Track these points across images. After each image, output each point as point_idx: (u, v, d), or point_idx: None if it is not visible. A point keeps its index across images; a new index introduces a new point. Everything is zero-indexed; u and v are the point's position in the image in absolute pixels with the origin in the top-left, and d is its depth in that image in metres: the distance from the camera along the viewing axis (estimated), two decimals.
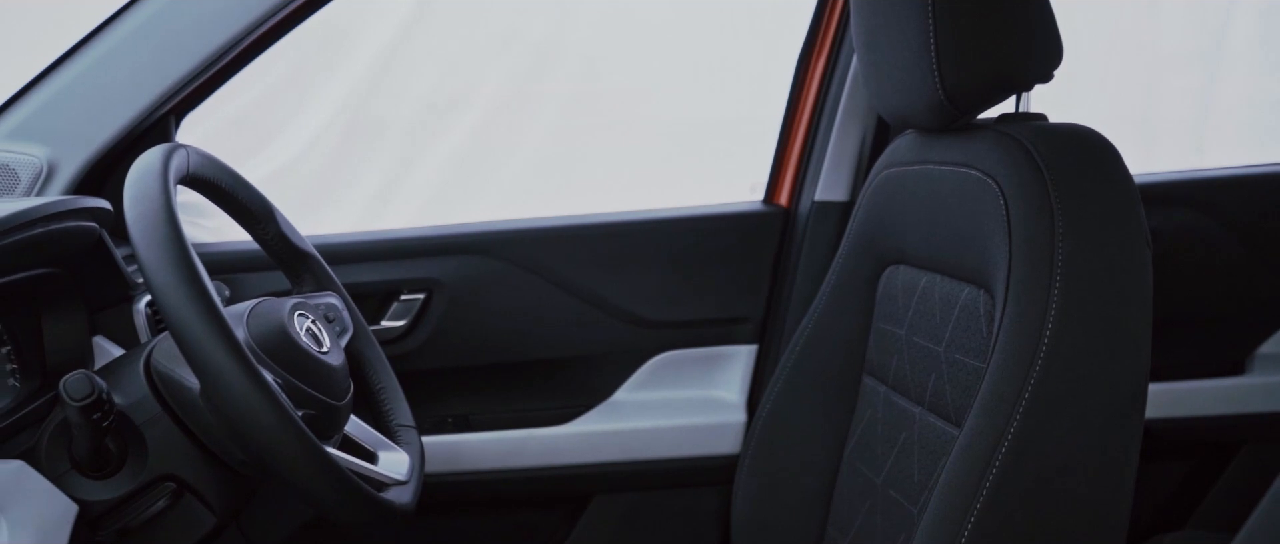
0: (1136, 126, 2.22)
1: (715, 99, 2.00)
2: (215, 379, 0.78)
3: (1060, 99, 1.06)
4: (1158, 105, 2.15)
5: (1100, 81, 2.11)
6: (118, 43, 1.30)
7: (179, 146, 0.94)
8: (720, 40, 1.95)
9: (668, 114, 2.26)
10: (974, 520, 0.84)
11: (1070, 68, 0.98)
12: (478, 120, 2.35)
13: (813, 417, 1.25)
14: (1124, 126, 1.41)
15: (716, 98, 1.99)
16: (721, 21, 1.97)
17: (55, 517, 0.83)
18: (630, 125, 2.44)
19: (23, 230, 0.94)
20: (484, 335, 1.53)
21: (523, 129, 2.48)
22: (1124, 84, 2.12)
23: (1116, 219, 0.87)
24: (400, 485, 1.01)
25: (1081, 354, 0.84)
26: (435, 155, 2.19)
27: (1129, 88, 2.13)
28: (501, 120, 2.36)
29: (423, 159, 2.20)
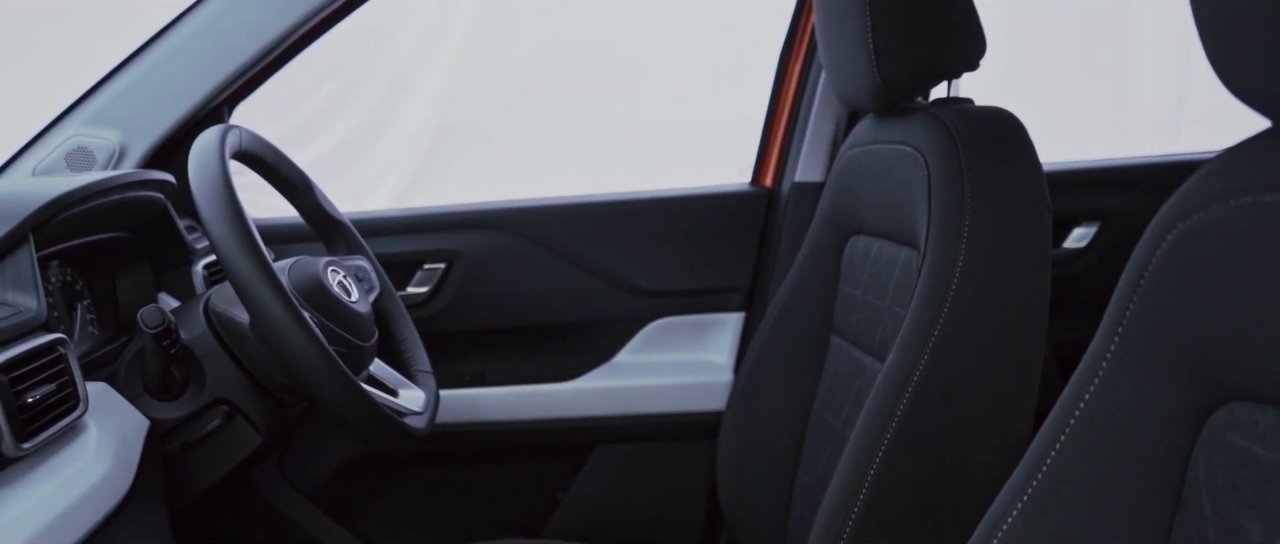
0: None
1: (724, 100, 2.08)
2: (262, 313, 0.95)
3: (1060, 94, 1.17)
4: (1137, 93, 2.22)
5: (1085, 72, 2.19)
6: (178, 42, 1.44)
7: (232, 127, 1.10)
8: (732, 47, 2.01)
9: (684, 115, 2.35)
10: (890, 437, 0.97)
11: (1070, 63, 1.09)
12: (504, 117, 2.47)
13: (787, 374, 1.35)
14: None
15: (725, 99, 2.07)
16: (733, 31, 2.04)
17: (131, 427, 0.99)
18: (646, 124, 2.52)
19: (99, 197, 1.09)
20: (498, 301, 1.64)
21: (550, 123, 2.58)
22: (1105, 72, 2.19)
23: (1018, 186, 1.00)
24: (417, 415, 1.16)
25: (983, 296, 0.97)
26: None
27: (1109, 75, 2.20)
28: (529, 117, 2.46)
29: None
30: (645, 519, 1.68)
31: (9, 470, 0.81)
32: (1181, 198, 0.58)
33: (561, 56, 3.07)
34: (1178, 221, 0.58)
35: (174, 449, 1.08)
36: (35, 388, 0.84)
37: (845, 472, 1.00)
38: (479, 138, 3.04)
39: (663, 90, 2.90)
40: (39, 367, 0.86)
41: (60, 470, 0.84)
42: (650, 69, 2.99)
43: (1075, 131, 2.05)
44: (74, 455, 0.88)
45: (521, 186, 1.70)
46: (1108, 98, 2.27)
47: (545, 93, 3.05)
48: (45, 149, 1.40)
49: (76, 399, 0.90)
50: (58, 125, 1.42)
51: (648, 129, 2.62)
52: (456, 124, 3.12)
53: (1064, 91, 2.21)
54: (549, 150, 2.63)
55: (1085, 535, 0.62)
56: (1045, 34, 2.28)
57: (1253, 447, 0.52)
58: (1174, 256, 0.58)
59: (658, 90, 2.92)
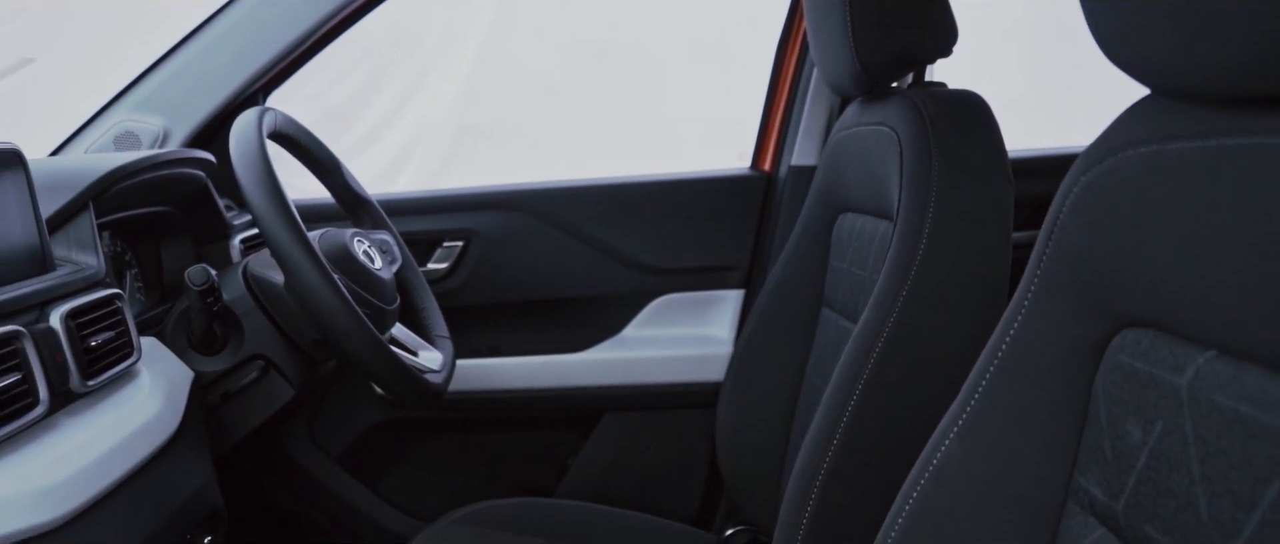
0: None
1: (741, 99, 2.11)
2: (296, 273, 1.05)
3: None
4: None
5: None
6: (217, 34, 1.54)
7: (268, 109, 1.20)
8: (749, 45, 2.01)
9: (703, 114, 2.38)
10: (861, 389, 1.06)
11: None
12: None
13: (781, 345, 1.43)
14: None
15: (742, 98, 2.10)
16: (752, 30, 2.06)
17: (178, 377, 1.10)
18: (665, 123, 2.56)
19: (149, 171, 1.20)
20: (512, 277, 1.72)
21: (569, 122, 2.63)
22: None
23: (982, 161, 1.08)
24: (434, 373, 1.26)
25: (947, 261, 1.05)
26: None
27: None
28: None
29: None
30: (650, 483, 1.76)
31: (75, 404, 0.92)
32: (1084, 155, 0.68)
33: (581, 56, 3.12)
34: (1081, 175, 0.67)
35: (215, 399, 1.18)
36: (97, 334, 0.95)
37: (820, 422, 1.09)
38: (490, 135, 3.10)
39: (682, 89, 2.95)
40: (100, 317, 0.96)
41: (118, 407, 0.95)
42: (669, 67, 3.04)
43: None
44: (129, 396, 0.99)
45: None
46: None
47: (565, 92, 3.11)
48: (95, 133, 1.50)
49: (131, 348, 1.01)
50: (106, 112, 1.53)
51: (666, 128, 2.66)
52: (475, 123, 3.19)
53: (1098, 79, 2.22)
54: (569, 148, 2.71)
55: (1009, 453, 0.72)
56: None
57: (1136, 364, 0.62)
58: (1078, 206, 0.67)
59: (676, 89, 2.98)
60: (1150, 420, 0.60)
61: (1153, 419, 0.59)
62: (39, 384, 0.84)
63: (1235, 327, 0.52)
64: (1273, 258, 0.49)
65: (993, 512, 0.72)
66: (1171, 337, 0.59)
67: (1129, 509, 0.61)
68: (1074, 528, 0.68)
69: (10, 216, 0.90)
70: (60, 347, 0.89)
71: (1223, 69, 0.51)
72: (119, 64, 1.58)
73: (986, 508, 0.72)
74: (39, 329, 0.87)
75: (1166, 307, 0.58)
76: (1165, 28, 0.55)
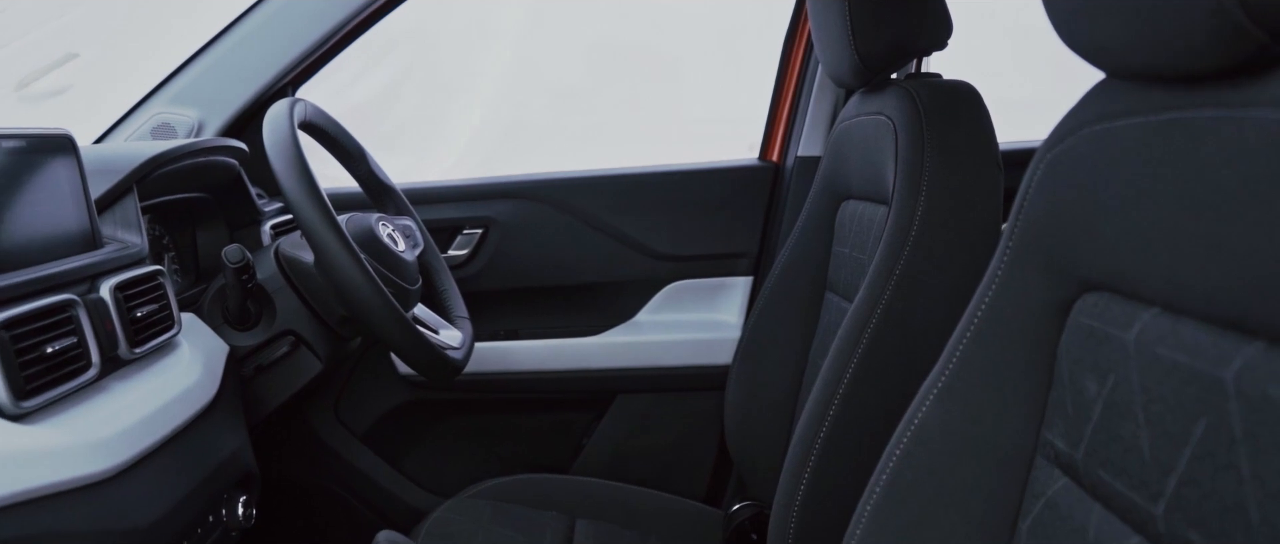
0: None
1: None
2: (325, 251, 1.11)
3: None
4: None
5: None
6: (248, 31, 1.60)
7: (298, 100, 1.26)
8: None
9: (727, 113, 2.41)
10: (855, 364, 1.12)
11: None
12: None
13: (786, 328, 1.48)
14: None
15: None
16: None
17: (215, 350, 1.17)
18: (687, 124, 2.58)
19: (187, 158, 1.27)
20: (530, 264, 1.78)
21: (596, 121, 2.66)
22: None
23: (972, 147, 1.14)
24: (454, 350, 1.33)
25: (938, 243, 1.10)
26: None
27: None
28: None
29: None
30: (661, 461, 1.82)
31: (123, 370, 0.99)
32: (1048, 136, 0.74)
33: (604, 56, 3.16)
34: (1046, 153, 0.73)
35: (248, 372, 1.26)
36: (142, 306, 1.02)
37: (816, 395, 1.15)
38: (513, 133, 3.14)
39: (702, 87, 2.99)
40: (144, 291, 1.04)
41: (162, 373, 1.03)
42: (690, 67, 3.08)
43: None
44: (171, 365, 1.06)
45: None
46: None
47: (588, 91, 3.15)
48: (134, 124, 1.57)
49: (172, 320, 1.08)
50: (144, 104, 1.59)
51: (687, 127, 2.69)
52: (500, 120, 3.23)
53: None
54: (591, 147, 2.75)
55: (983, 412, 0.78)
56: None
57: (1093, 324, 0.68)
58: (1042, 182, 0.73)
59: (697, 88, 3.02)
60: (1104, 374, 0.66)
61: (1106, 373, 0.65)
62: (91, 349, 0.91)
63: (1174, 285, 0.58)
64: (1204, 220, 0.55)
65: (968, 466, 0.78)
66: (1122, 297, 0.64)
67: (1086, 457, 0.67)
68: (1041, 478, 0.74)
69: (63, 197, 0.98)
70: (109, 316, 0.96)
71: (1163, 50, 0.57)
72: (157, 58, 1.64)
73: (963, 463, 0.78)
74: (91, 299, 0.94)
75: (1118, 270, 0.64)
76: (1114, 15, 0.61)
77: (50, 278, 0.90)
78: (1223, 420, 0.53)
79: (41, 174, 0.94)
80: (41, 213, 0.93)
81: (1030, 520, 0.74)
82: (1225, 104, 0.54)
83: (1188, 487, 0.56)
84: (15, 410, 0.80)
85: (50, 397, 0.84)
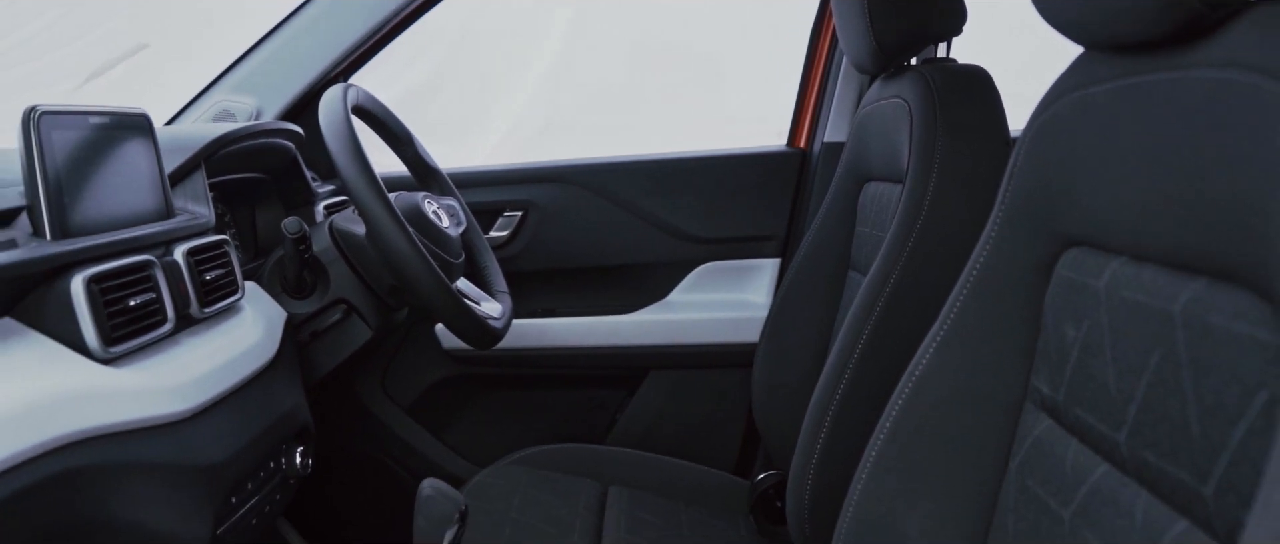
0: None
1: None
2: (376, 223, 1.20)
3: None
4: None
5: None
6: (303, 24, 1.68)
7: (351, 85, 1.35)
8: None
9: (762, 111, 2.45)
10: (868, 332, 1.18)
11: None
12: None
13: (810, 306, 1.53)
14: None
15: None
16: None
17: (275, 316, 1.27)
18: (728, 123, 2.60)
19: (247, 140, 1.37)
20: (567, 245, 1.85)
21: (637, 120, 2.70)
22: None
23: (982, 128, 1.19)
24: (495, 319, 1.41)
25: (948, 220, 1.16)
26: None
27: None
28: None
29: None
30: (691, 435, 1.88)
31: (194, 327, 1.08)
32: (1036, 107, 0.80)
33: (648, 55, 3.23)
34: (1033, 122, 0.80)
35: (304, 337, 1.35)
36: (210, 270, 1.11)
37: (832, 362, 1.21)
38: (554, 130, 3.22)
39: (742, 86, 3.05)
40: (212, 257, 1.13)
41: (228, 332, 1.12)
42: (732, 66, 3.14)
43: None
44: (236, 325, 1.15)
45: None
46: None
47: (632, 89, 3.22)
48: (197, 111, 1.67)
49: (237, 286, 1.18)
50: (206, 93, 1.68)
51: (725, 125, 2.74)
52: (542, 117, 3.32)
53: None
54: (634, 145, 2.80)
55: (977, 362, 0.84)
56: None
57: (1072, 276, 0.74)
58: (1030, 149, 0.80)
59: (738, 87, 3.07)
60: (1080, 320, 0.72)
61: (1082, 319, 0.72)
62: (167, 305, 1.01)
63: (1137, 234, 0.65)
64: (1157, 173, 0.62)
65: (965, 412, 0.85)
66: (1096, 249, 0.71)
67: (1066, 398, 0.74)
68: (1028, 422, 0.80)
69: (141, 171, 1.07)
70: (182, 277, 1.05)
71: (1121, 21, 0.64)
72: (220, 49, 1.73)
73: (960, 409, 0.85)
74: (166, 261, 1.04)
75: (1093, 225, 0.71)
76: None
77: (132, 241, 0.99)
78: (1172, 350, 0.60)
79: (123, 149, 1.04)
80: (123, 183, 1.03)
81: (1019, 459, 0.80)
82: (1174, 67, 0.60)
83: (1144, 412, 0.62)
84: (104, 355, 0.89)
85: (133, 345, 0.93)
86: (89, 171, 0.97)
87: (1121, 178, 0.66)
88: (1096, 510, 0.67)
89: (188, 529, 0.94)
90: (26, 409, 0.76)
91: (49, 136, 0.91)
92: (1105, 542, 0.65)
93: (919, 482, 0.87)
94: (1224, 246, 0.55)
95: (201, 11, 2.25)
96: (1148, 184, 0.63)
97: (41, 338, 0.87)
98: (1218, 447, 0.55)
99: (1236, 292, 0.55)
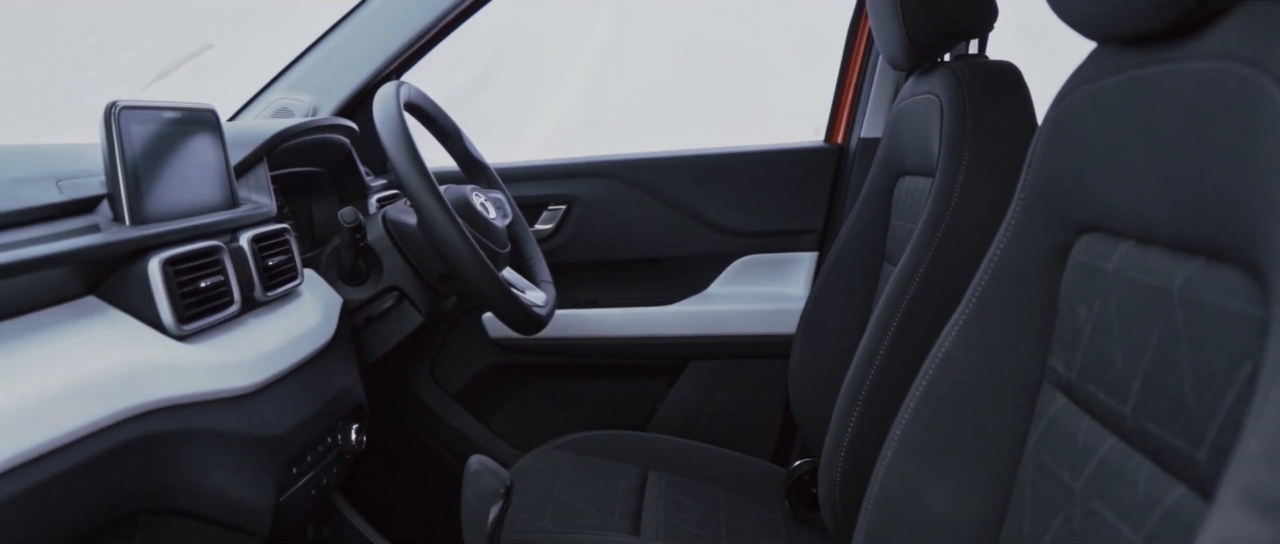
0: None
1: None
2: (427, 213, 1.26)
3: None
4: None
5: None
6: (358, 24, 1.75)
7: (403, 83, 1.41)
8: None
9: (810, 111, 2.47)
10: (897, 320, 1.21)
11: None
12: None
13: (846, 300, 1.57)
14: None
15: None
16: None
17: (331, 300, 1.33)
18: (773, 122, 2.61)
19: (307, 134, 1.44)
20: (610, 238, 1.90)
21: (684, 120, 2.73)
22: None
23: (1011, 122, 1.22)
24: (539, 307, 1.47)
25: (976, 212, 1.19)
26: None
27: None
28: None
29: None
30: (729, 424, 1.93)
31: (257, 309, 1.15)
32: (1054, 98, 0.84)
33: (695, 56, 3.26)
34: (1051, 113, 0.84)
35: (359, 323, 1.42)
36: (273, 257, 1.18)
37: (863, 349, 1.25)
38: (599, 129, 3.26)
39: (790, 87, 3.07)
40: (274, 244, 1.20)
41: (288, 315, 1.19)
42: (779, 67, 3.16)
43: None
44: (296, 309, 1.22)
45: None
46: None
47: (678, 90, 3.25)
48: (258, 108, 1.75)
49: (296, 272, 1.25)
50: (265, 92, 1.76)
51: (771, 126, 2.76)
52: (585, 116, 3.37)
53: None
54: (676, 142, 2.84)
55: (997, 344, 0.88)
56: None
57: (1085, 260, 0.78)
58: (1047, 139, 0.84)
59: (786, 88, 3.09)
60: (1092, 301, 0.76)
61: (1093, 300, 0.76)
62: (233, 288, 1.08)
63: (1143, 219, 0.68)
64: (1159, 160, 0.66)
65: (985, 392, 0.89)
66: (1106, 234, 0.75)
67: (1079, 376, 0.78)
68: (1045, 401, 0.84)
69: (209, 163, 1.14)
70: (247, 262, 1.12)
71: (1123, 16, 0.68)
72: (278, 48, 1.81)
73: (980, 390, 0.89)
74: (233, 247, 1.11)
75: (1104, 211, 0.75)
76: None
77: (202, 227, 1.06)
78: (1171, 326, 0.63)
79: (193, 142, 1.11)
80: (193, 174, 1.10)
81: (1036, 436, 0.84)
82: (1171, 59, 0.64)
83: (1146, 386, 0.66)
84: (178, 332, 0.96)
85: (203, 323, 1.00)
86: (162, 162, 1.04)
87: (1128, 165, 0.70)
88: (1104, 481, 0.71)
89: (254, 495, 1.01)
90: (111, 379, 0.83)
91: (128, 129, 0.98)
92: (1111, 510, 0.69)
93: (941, 459, 0.91)
94: (1217, 228, 0.59)
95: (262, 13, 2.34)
96: (1150, 170, 0.67)
97: (122, 315, 0.94)
98: (1210, 415, 0.59)
99: (1229, 270, 0.59)
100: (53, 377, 0.78)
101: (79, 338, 0.86)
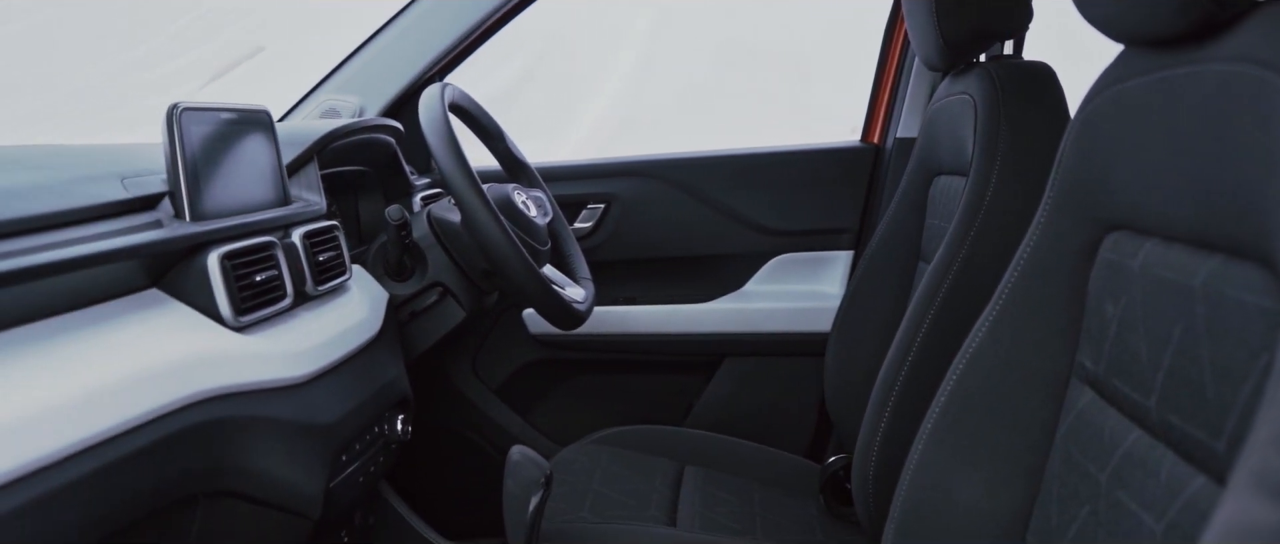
0: None
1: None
2: (471, 212, 1.30)
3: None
4: None
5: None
6: (403, 27, 1.79)
7: (448, 84, 1.45)
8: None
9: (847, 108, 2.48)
10: (931, 316, 1.23)
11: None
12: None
13: (881, 296, 1.58)
14: None
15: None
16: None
17: (378, 296, 1.38)
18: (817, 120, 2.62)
19: (354, 134, 1.48)
20: (648, 236, 1.93)
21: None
22: None
23: (1045, 122, 1.23)
24: (578, 303, 1.50)
25: (1009, 211, 1.20)
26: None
27: None
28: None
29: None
30: (765, 420, 1.95)
31: (308, 303, 1.20)
32: (1083, 100, 0.86)
33: (733, 58, 3.29)
34: (1079, 115, 0.86)
35: (404, 317, 1.46)
36: (323, 252, 1.23)
37: (897, 345, 1.27)
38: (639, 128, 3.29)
39: (831, 88, 3.08)
40: (324, 241, 1.25)
41: (337, 309, 1.23)
42: (820, 67, 3.18)
43: None
44: (344, 303, 1.27)
45: None
46: None
47: (718, 90, 3.28)
48: (306, 109, 1.80)
49: (345, 267, 1.29)
50: (314, 93, 1.81)
51: (810, 126, 2.76)
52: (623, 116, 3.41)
53: None
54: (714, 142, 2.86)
55: (1027, 340, 0.90)
56: None
57: (1112, 257, 0.80)
58: (1076, 140, 0.86)
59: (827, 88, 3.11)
60: (1118, 298, 0.78)
61: (1119, 296, 0.78)
62: (286, 282, 1.12)
63: (1167, 218, 0.70)
64: (1182, 159, 0.68)
65: (1015, 387, 0.90)
66: (1132, 232, 0.77)
67: (1106, 370, 0.79)
68: (1073, 395, 0.86)
69: (263, 162, 1.19)
70: (299, 258, 1.17)
71: (1147, 19, 0.70)
72: (327, 50, 1.85)
73: (1010, 384, 0.91)
74: (285, 243, 1.15)
75: (1130, 209, 0.76)
76: None
77: (257, 224, 1.11)
78: (1193, 321, 0.65)
79: (247, 141, 1.15)
80: (248, 172, 1.14)
81: (1064, 430, 0.86)
82: (1194, 61, 0.66)
83: (1169, 378, 0.68)
84: (235, 323, 1.01)
85: (258, 316, 1.05)
86: (220, 161, 1.09)
87: (1152, 165, 0.72)
88: (1129, 472, 0.72)
89: (306, 480, 1.05)
90: (173, 367, 0.88)
91: (188, 130, 1.03)
92: (1135, 500, 0.71)
93: (971, 452, 0.93)
94: (1236, 226, 0.61)
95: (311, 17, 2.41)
96: (1173, 169, 0.69)
97: (183, 307, 0.99)
98: (1229, 406, 0.60)
99: (1247, 267, 0.60)
100: (119, 365, 0.83)
101: (143, 328, 0.91)
